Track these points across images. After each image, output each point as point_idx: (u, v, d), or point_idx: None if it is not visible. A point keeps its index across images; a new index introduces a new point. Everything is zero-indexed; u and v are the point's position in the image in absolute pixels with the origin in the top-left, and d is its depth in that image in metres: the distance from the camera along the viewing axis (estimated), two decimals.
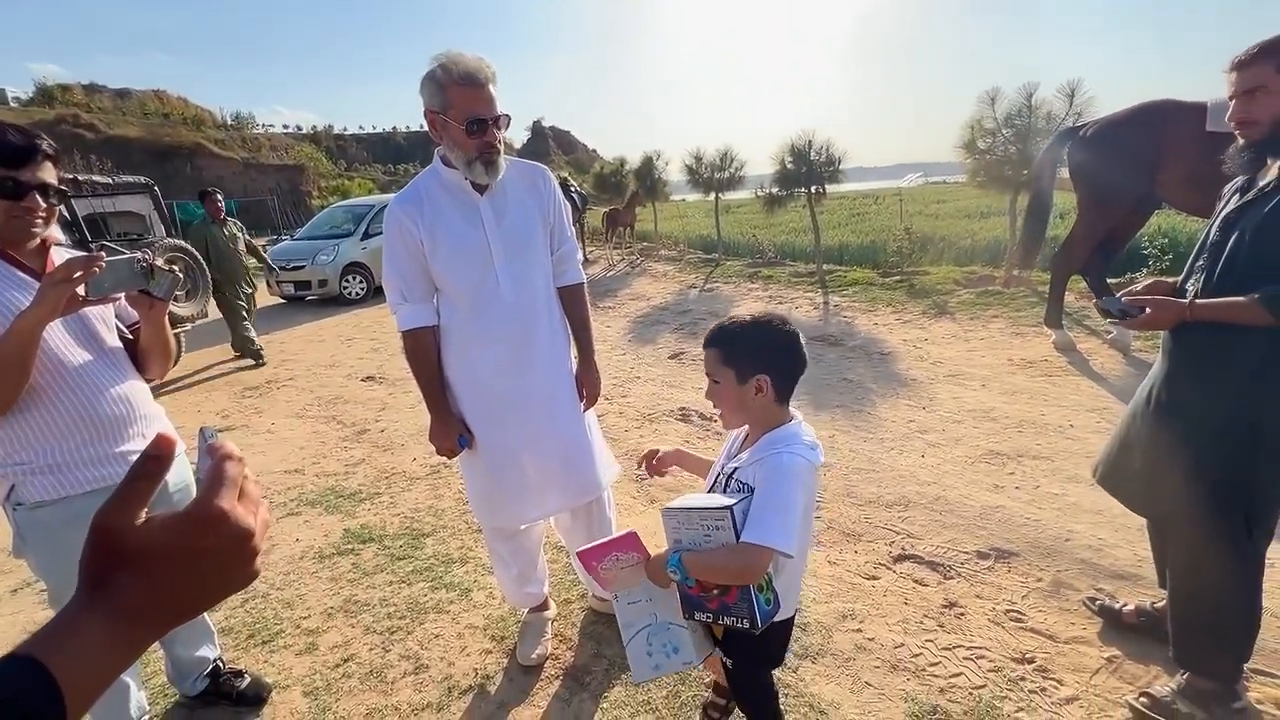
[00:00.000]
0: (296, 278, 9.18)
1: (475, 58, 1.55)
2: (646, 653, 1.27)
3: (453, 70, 1.53)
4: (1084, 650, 1.90)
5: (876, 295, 6.77)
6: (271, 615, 2.35)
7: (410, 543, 2.77)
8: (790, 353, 1.20)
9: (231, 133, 52.37)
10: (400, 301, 1.73)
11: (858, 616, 2.11)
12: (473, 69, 1.54)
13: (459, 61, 1.53)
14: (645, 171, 12.94)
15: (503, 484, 1.84)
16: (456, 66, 1.53)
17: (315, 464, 3.71)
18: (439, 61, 1.54)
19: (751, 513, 1.09)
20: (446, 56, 1.54)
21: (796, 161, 8.12)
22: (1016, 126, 6.14)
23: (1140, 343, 4.49)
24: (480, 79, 1.56)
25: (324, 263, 9.21)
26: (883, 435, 3.49)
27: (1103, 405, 3.61)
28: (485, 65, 1.56)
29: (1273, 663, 1.80)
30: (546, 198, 1.83)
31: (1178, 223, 10.11)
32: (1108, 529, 2.46)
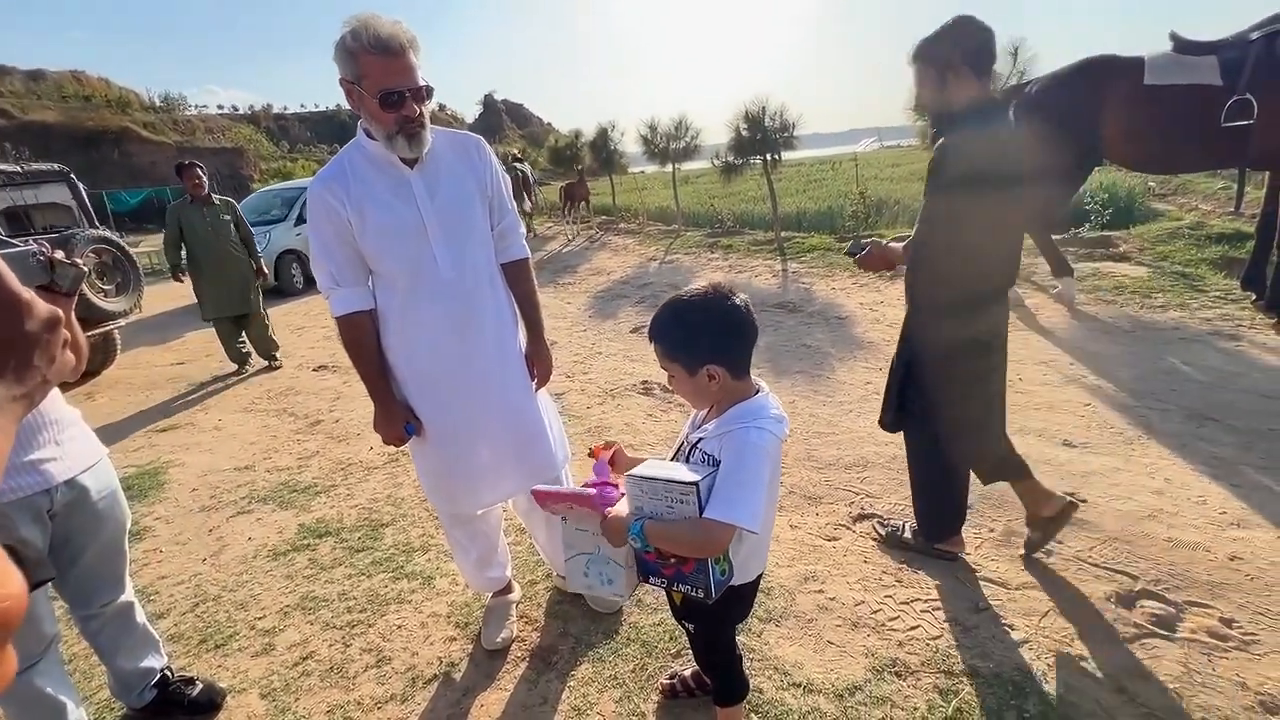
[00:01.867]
0: None
1: (391, 21, 1.44)
2: (583, 573, 1.28)
3: (363, 36, 1.42)
4: (1033, 595, 1.97)
5: (834, 261, 6.82)
6: (224, 618, 2.26)
7: (369, 534, 2.70)
8: (734, 332, 1.16)
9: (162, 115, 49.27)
10: (332, 286, 1.64)
11: (819, 578, 2.14)
12: (386, 35, 1.43)
13: (371, 26, 1.42)
14: (600, 143, 12.71)
15: (454, 469, 1.79)
16: (368, 31, 1.41)
17: (267, 459, 3.58)
18: (349, 26, 1.43)
19: (717, 489, 1.08)
20: (358, 20, 1.43)
21: (751, 128, 8.06)
22: None
23: (1084, 295, 4.63)
24: (395, 46, 1.45)
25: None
26: (841, 398, 3.53)
27: (1049, 358, 3.72)
28: (402, 30, 1.45)
29: (1204, 594, 1.90)
30: (483, 169, 1.74)
31: (1117, 178, 10.44)
32: (1054, 477, 2.55)
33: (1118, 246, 5.70)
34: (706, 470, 1.10)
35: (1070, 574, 2.05)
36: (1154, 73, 3.90)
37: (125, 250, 5.11)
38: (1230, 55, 3.68)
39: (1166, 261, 5.10)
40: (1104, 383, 3.33)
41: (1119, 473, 2.54)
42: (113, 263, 5.08)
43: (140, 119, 45.25)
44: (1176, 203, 9.86)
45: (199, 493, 3.25)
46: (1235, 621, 1.79)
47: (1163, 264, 5.07)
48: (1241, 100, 3.60)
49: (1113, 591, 1.95)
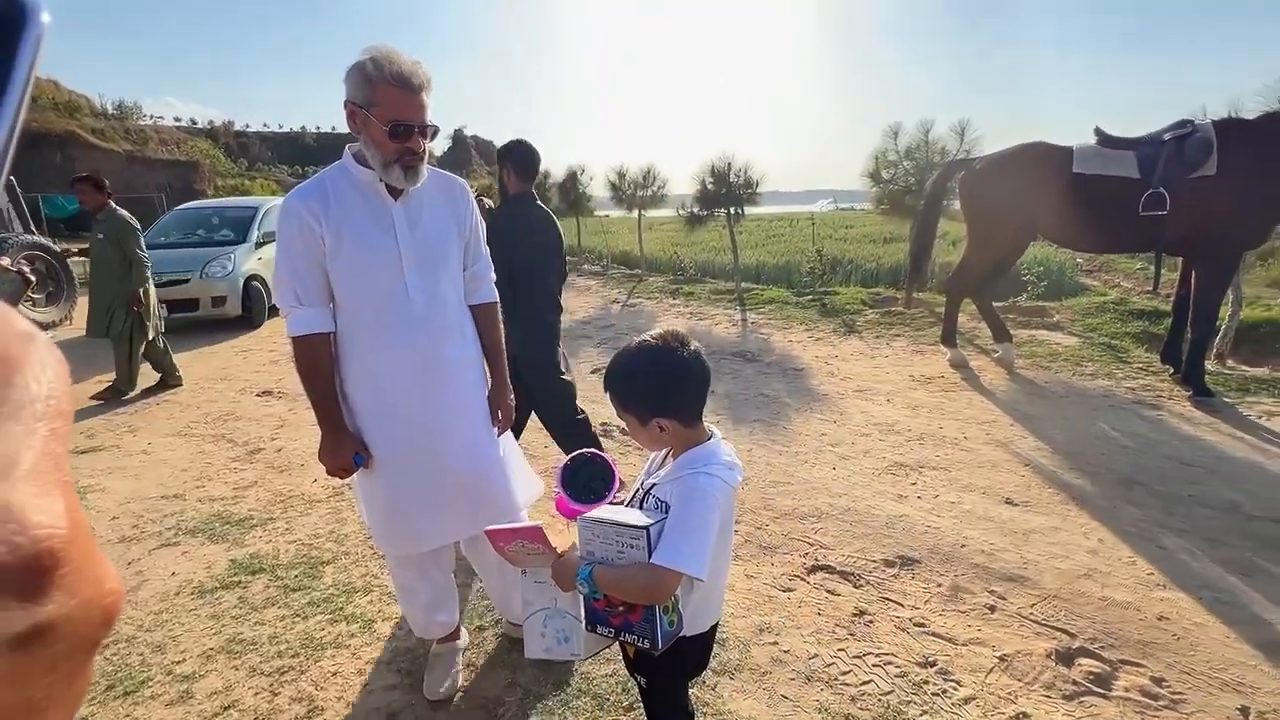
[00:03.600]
0: (174, 295, 7.09)
1: (412, 61, 1.47)
2: (540, 633, 1.25)
3: (385, 67, 1.44)
4: (979, 651, 2.02)
5: (791, 313, 7.05)
6: (137, 661, 2.08)
7: (307, 572, 2.55)
8: (682, 385, 1.16)
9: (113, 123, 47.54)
10: (295, 304, 1.59)
11: (774, 629, 2.14)
12: (408, 71, 1.46)
13: (394, 59, 1.44)
14: (569, 185, 12.93)
15: (406, 506, 1.72)
16: (390, 64, 1.44)
17: (199, 488, 3.36)
18: (371, 55, 1.45)
19: (665, 535, 1.07)
20: (380, 51, 1.45)
21: (717, 182, 8.37)
22: (916, 159, 6.64)
23: (1022, 360, 4.91)
24: (415, 84, 1.48)
25: (218, 275, 7.40)
26: (797, 449, 3.60)
27: (991, 418, 3.90)
28: (421, 70, 1.48)
29: (1136, 653, 1.98)
30: (464, 212, 1.76)
31: (1049, 254, 11.25)
32: (998, 534, 2.65)
33: (1051, 316, 6.10)
34: (659, 516, 1.10)
35: (1013, 630, 2.11)
36: (1081, 162, 4.28)
37: (59, 258, 4.84)
38: (1146, 152, 4.08)
39: (1095, 333, 5.48)
40: (1041, 444, 3.50)
41: (1057, 532, 2.66)
42: (46, 270, 4.80)
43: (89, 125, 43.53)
44: (1101, 279, 10.67)
45: (119, 521, 3.02)
46: (1164, 680, 1.87)
47: (1092, 335, 5.45)
48: (1156, 193, 3.98)
49: (1053, 649, 2.01)
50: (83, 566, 0.26)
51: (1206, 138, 3.85)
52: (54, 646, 0.25)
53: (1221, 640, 2.02)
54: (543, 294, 2.85)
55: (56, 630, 0.24)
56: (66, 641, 0.25)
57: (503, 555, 1.27)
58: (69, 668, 0.26)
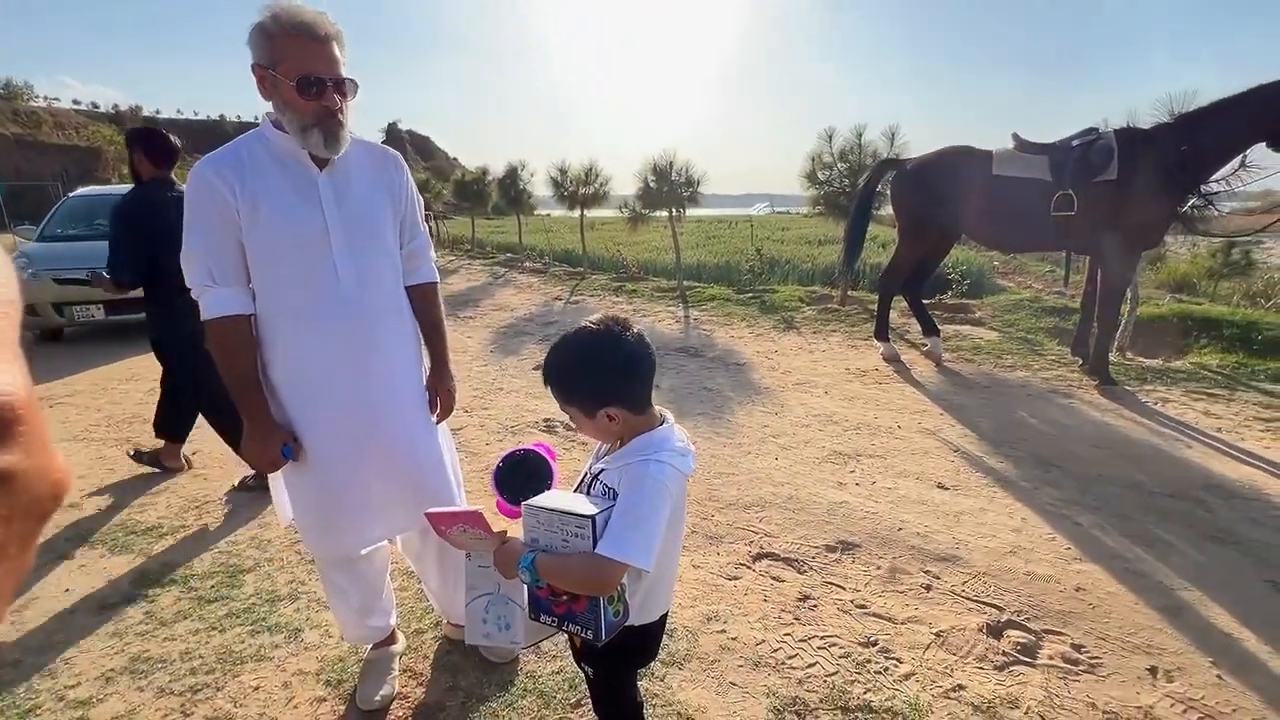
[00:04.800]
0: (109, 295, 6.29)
1: (316, 11, 1.36)
2: (482, 619, 1.19)
3: (285, 20, 1.33)
4: (917, 628, 2.08)
5: (732, 310, 7.16)
6: (23, 688, 1.86)
7: (225, 581, 2.36)
8: (629, 371, 1.11)
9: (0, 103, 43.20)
10: (208, 284, 1.45)
11: (721, 618, 2.14)
12: (310, 20, 1.35)
13: (294, 11, 1.33)
14: (509, 182, 12.70)
15: (338, 502, 1.61)
16: (290, 15, 1.33)
17: (99, 496, 3.06)
18: (270, 10, 1.33)
19: (611, 523, 1.03)
20: (279, 5, 1.34)
21: (659, 180, 8.40)
22: (850, 161, 6.88)
23: (949, 353, 5.16)
24: (320, 33, 1.37)
25: None
26: (740, 440, 3.64)
27: (921, 408, 4.07)
28: (327, 20, 1.38)
29: (1057, 622, 2.10)
30: (398, 185, 1.66)
31: (970, 256, 11.92)
32: (931, 517, 2.75)
33: (974, 313, 6.45)
34: (606, 504, 1.06)
35: (947, 607, 2.19)
36: (1000, 164, 4.54)
37: None
38: (1057, 157, 4.37)
39: (1013, 328, 5.84)
40: (968, 431, 3.68)
41: (985, 513, 2.79)
42: None
43: None
44: (1015, 280, 11.42)
45: None
46: (1084, 647, 1.99)
47: (1010, 329, 5.79)
48: (1065, 195, 4.27)
49: (984, 623, 2.10)
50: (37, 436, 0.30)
51: (1108, 144, 4.16)
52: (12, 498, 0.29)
53: (1131, 607, 2.17)
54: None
55: (15, 482, 0.29)
56: (22, 497, 0.29)
57: (445, 539, 1.20)
58: (21, 529, 0.30)
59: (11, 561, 0.30)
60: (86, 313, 6.11)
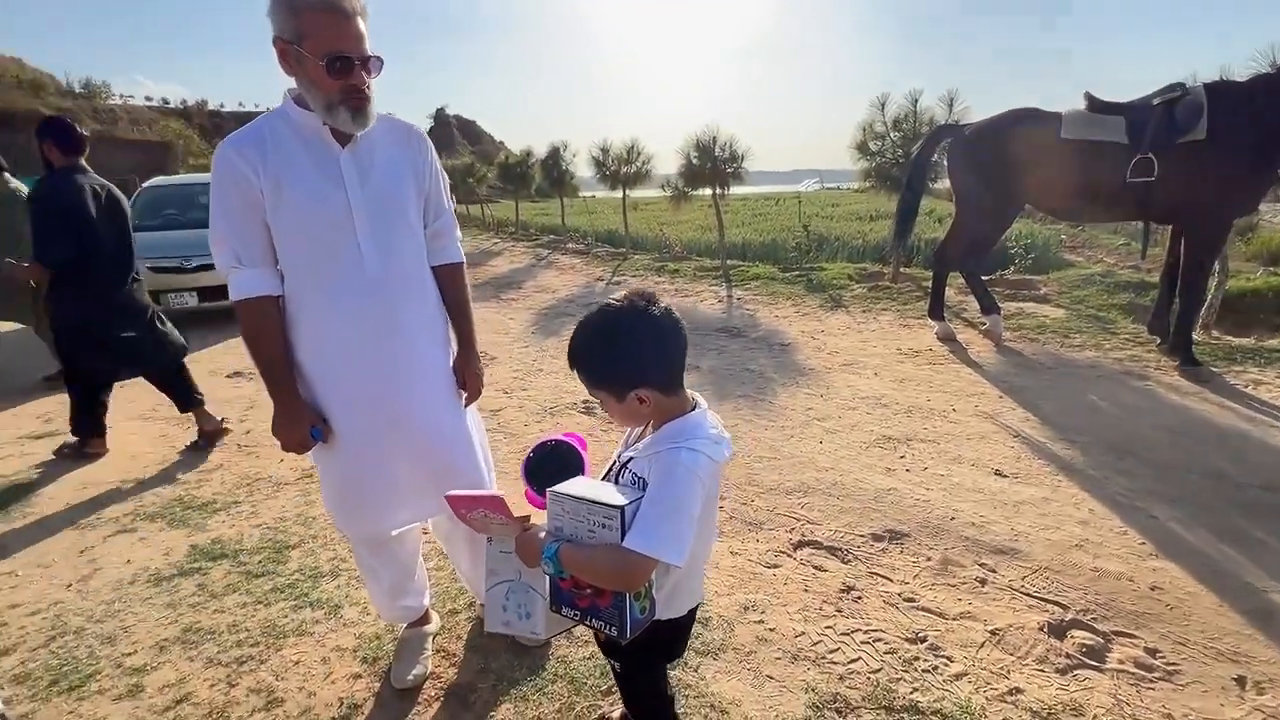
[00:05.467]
0: (200, 282, 6.23)
1: None
2: (502, 606, 1.15)
3: None
4: (970, 625, 1.95)
5: (777, 289, 6.95)
6: (85, 654, 1.95)
7: (272, 557, 2.43)
8: (660, 349, 1.03)
9: (80, 102, 45.95)
10: (234, 265, 1.44)
11: (759, 607, 2.06)
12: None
13: None
14: (551, 163, 12.67)
15: (366, 485, 1.61)
16: None
17: (160, 471, 3.21)
18: None
19: (640, 515, 0.96)
20: None
21: (702, 156, 8.19)
22: (904, 130, 6.51)
23: (1010, 332, 4.86)
24: (345, 7, 1.32)
25: None
26: (783, 423, 3.52)
27: (979, 390, 3.84)
28: None
29: (1129, 623, 1.93)
30: (421, 161, 1.61)
31: (1034, 228, 11.24)
32: (988, 506, 2.58)
33: (1038, 289, 6.05)
34: (636, 494, 0.99)
35: (1005, 603, 2.04)
36: (1069, 127, 4.18)
37: None
38: (1136, 117, 3.99)
39: (1082, 305, 5.44)
40: (1030, 415, 3.45)
41: (1048, 503, 2.60)
42: None
43: (55, 104, 41.98)
44: (1084, 254, 10.70)
45: (75, 508, 2.86)
46: (1159, 652, 1.82)
47: (1079, 307, 5.40)
48: (1144, 159, 3.89)
49: (1045, 621, 1.95)
50: None
51: (1197, 100, 3.76)
52: None
53: (1215, 609, 1.97)
54: (104, 256, 3.22)
55: None
56: None
57: (465, 522, 1.16)
58: None
59: None
60: (181, 300, 6.23)
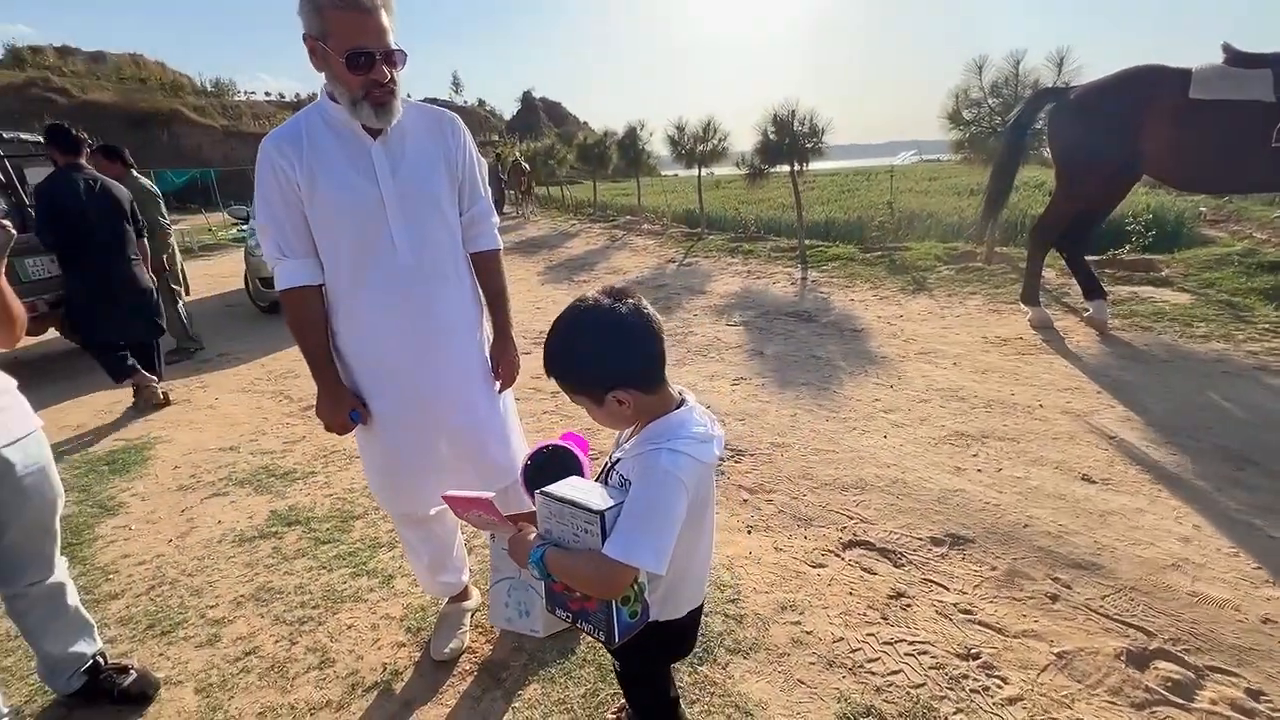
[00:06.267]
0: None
1: None
2: (504, 603, 1.16)
3: None
4: (1034, 645, 1.78)
5: (856, 271, 6.60)
6: (177, 604, 2.19)
7: (338, 526, 2.61)
8: (632, 349, 0.98)
9: (211, 100, 50.79)
10: (278, 256, 1.52)
11: (798, 608, 1.98)
12: None
13: None
14: (628, 143, 12.62)
15: (403, 466, 1.67)
16: None
17: (253, 441, 3.53)
18: None
19: (620, 521, 0.92)
20: None
21: (780, 132, 7.85)
22: (1004, 96, 5.92)
23: (1118, 320, 4.35)
24: (366, 3, 1.34)
25: None
26: (846, 414, 3.35)
27: (1075, 384, 3.48)
28: None
29: (1229, 659, 1.69)
30: (455, 148, 1.62)
31: (1165, 201, 9.97)
32: (1069, 514, 2.34)
33: (1159, 271, 5.37)
34: (621, 497, 0.95)
35: (1078, 624, 1.85)
36: (1200, 86, 3.62)
37: None
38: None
39: (1212, 289, 4.78)
40: (1133, 415, 3.08)
41: (1142, 515, 2.32)
42: None
43: (190, 103, 46.68)
44: (1229, 229, 9.38)
45: (180, 471, 3.21)
46: (1264, 694, 1.58)
47: (1207, 291, 4.75)
48: None
49: (1124, 648, 1.75)
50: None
51: None
52: None
53: None
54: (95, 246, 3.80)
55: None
56: None
57: (465, 520, 1.17)
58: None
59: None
60: None
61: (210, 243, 15.78)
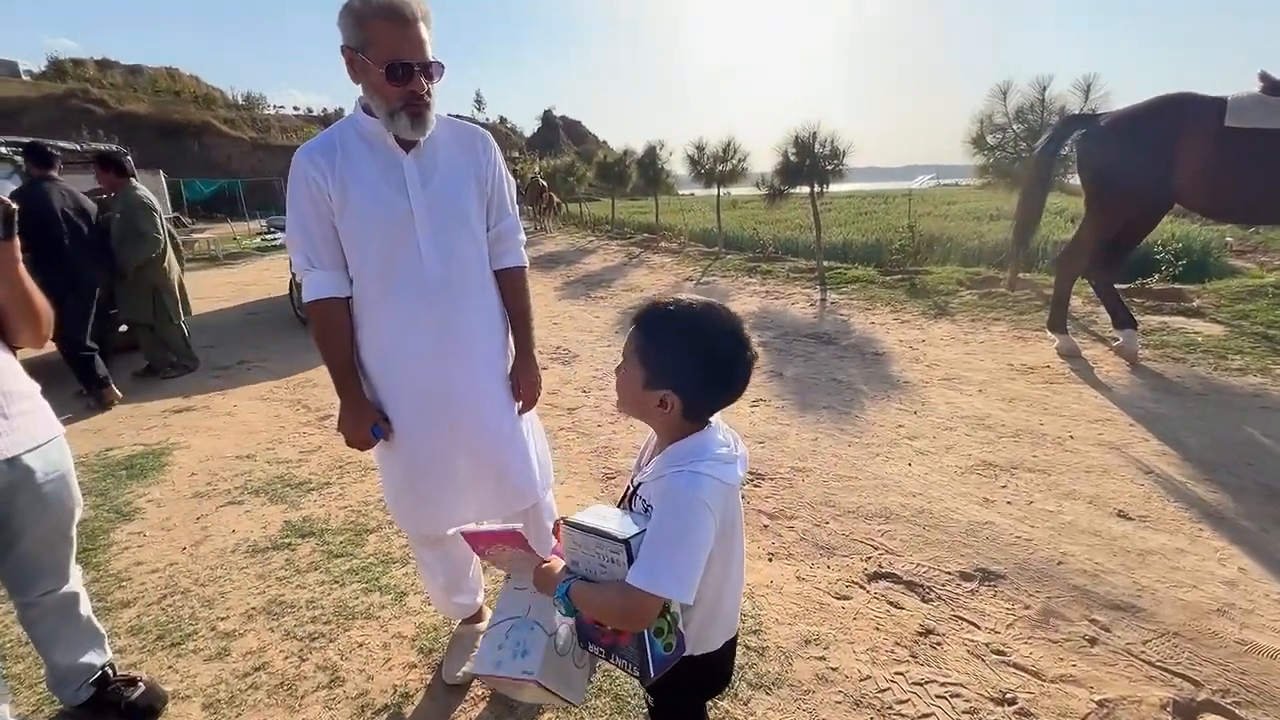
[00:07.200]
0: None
1: None
2: (498, 645, 1.09)
3: (375, 1, 1.32)
4: (1072, 691, 1.69)
5: (875, 294, 6.53)
6: (188, 614, 2.16)
7: (352, 539, 2.58)
8: (722, 377, 0.95)
9: (242, 113, 52.22)
10: (307, 268, 1.51)
11: (823, 642, 1.90)
12: (399, 1, 1.32)
13: None
14: (648, 162, 12.71)
15: (422, 484, 1.64)
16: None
17: (269, 449, 3.52)
18: None
19: (643, 547, 0.88)
20: None
21: (800, 154, 7.86)
22: (1029, 122, 5.88)
23: (1148, 351, 4.25)
24: (407, 14, 1.34)
25: None
26: (869, 440, 3.27)
27: (1106, 416, 3.38)
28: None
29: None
30: (485, 164, 1.61)
31: (1191, 230, 9.83)
32: (1105, 553, 2.25)
33: (1190, 301, 5.25)
34: (646, 523, 0.91)
35: (1119, 670, 1.76)
36: (1236, 114, 3.56)
37: (170, 234, 5.22)
38: None
39: (1246, 321, 4.65)
40: (1168, 449, 2.98)
41: (1183, 555, 2.22)
42: None
43: (222, 115, 48.00)
44: (1256, 260, 9.20)
45: (197, 478, 3.21)
46: None
47: (1242, 323, 4.62)
48: None
49: (1169, 698, 1.65)
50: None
51: None
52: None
53: None
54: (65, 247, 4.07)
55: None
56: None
57: (483, 558, 1.13)
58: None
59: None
60: None
61: (235, 251, 16.07)
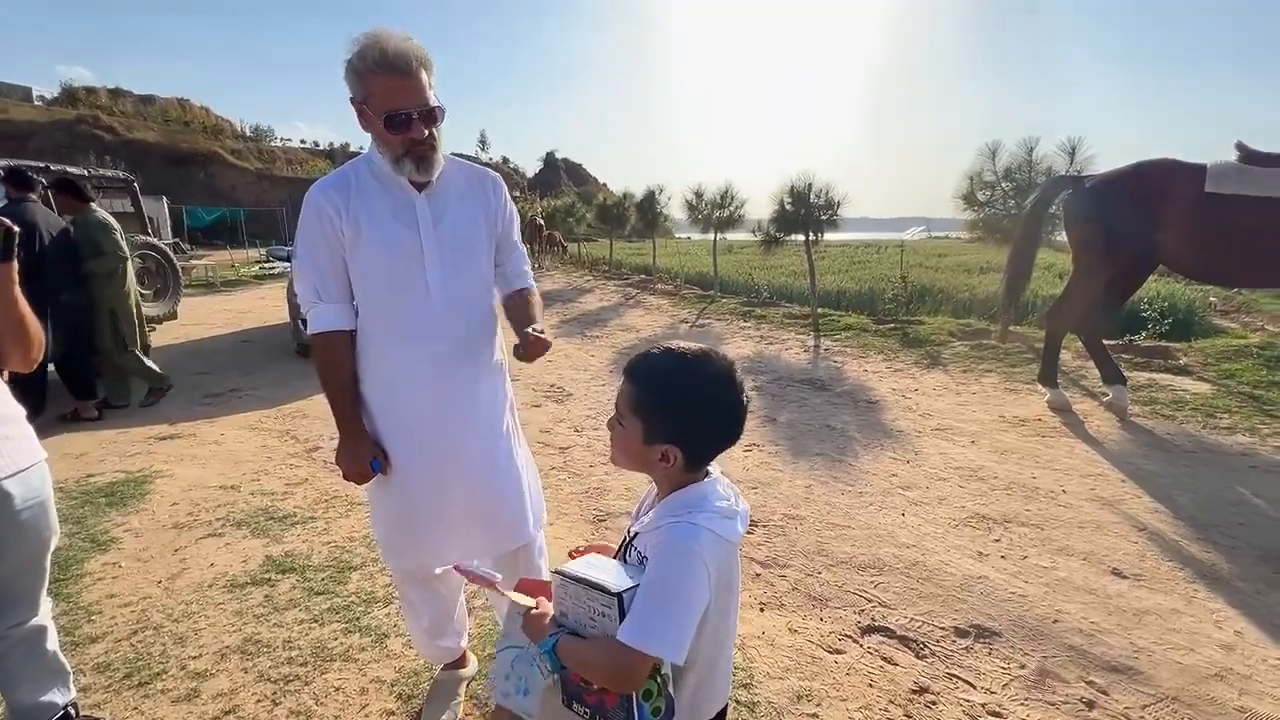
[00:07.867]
0: None
1: (402, 37, 1.37)
2: (505, 675, 1.04)
3: (369, 55, 1.35)
4: None
5: (869, 342, 6.60)
6: (158, 652, 2.08)
7: (334, 576, 2.51)
8: (723, 425, 0.94)
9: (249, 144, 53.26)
10: (314, 300, 1.52)
11: (814, 698, 1.85)
12: (393, 53, 1.35)
13: (379, 43, 1.34)
14: (646, 205, 12.99)
15: (417, 520, 1.61)
16: (374, 49, 1.34)
17: (254, 481, 3.46)
18: (358, 45, 1.36)
19: (635, 603, 0.85)
20: (366, 37, 1.36)
21: (796, 203, 8.06)
22: (1016, 180, 6.09)
23: (1138, 407, 4.29)
24: (402, 64, 1.36)
25: None
26: (862, 489, 3.25)
27: (1098, 471, 3.38)
28: (412, 48, 1.37)
29: None
30: (495, 205, 1.65)
31: (1176, 289, 10.07)
32: (1101, 611, 2.22)
33: (1177, 359, 5.34)
34: (640, 576, 0.89)
35: None
36: (1215, 181, 3.71)
37: (169, 258, 5.26)
38: None
39: (1233, 380, 4.72)
40: (1160, 506, 2.98)
41: (1179, 616, 2.19)
42: (155, 269, 5.22)
43: (229, 145, 48.90)
44: (1240, 320, 9.40)
45: (178, 508, 3.13)
46: None
47: (1228, 382, 4.69)
48: None
49: None
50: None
51: None
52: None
53: None
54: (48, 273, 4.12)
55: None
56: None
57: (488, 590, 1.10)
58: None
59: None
60: None
61: (232, 278, 16.12)
